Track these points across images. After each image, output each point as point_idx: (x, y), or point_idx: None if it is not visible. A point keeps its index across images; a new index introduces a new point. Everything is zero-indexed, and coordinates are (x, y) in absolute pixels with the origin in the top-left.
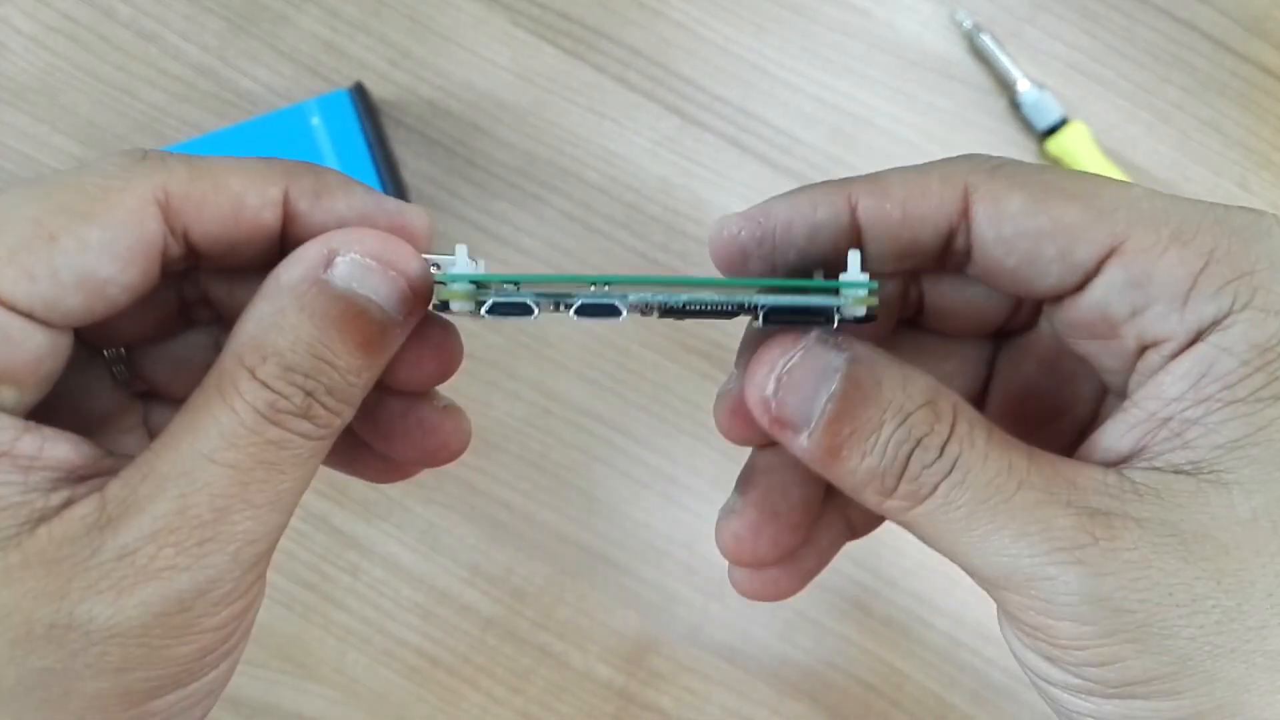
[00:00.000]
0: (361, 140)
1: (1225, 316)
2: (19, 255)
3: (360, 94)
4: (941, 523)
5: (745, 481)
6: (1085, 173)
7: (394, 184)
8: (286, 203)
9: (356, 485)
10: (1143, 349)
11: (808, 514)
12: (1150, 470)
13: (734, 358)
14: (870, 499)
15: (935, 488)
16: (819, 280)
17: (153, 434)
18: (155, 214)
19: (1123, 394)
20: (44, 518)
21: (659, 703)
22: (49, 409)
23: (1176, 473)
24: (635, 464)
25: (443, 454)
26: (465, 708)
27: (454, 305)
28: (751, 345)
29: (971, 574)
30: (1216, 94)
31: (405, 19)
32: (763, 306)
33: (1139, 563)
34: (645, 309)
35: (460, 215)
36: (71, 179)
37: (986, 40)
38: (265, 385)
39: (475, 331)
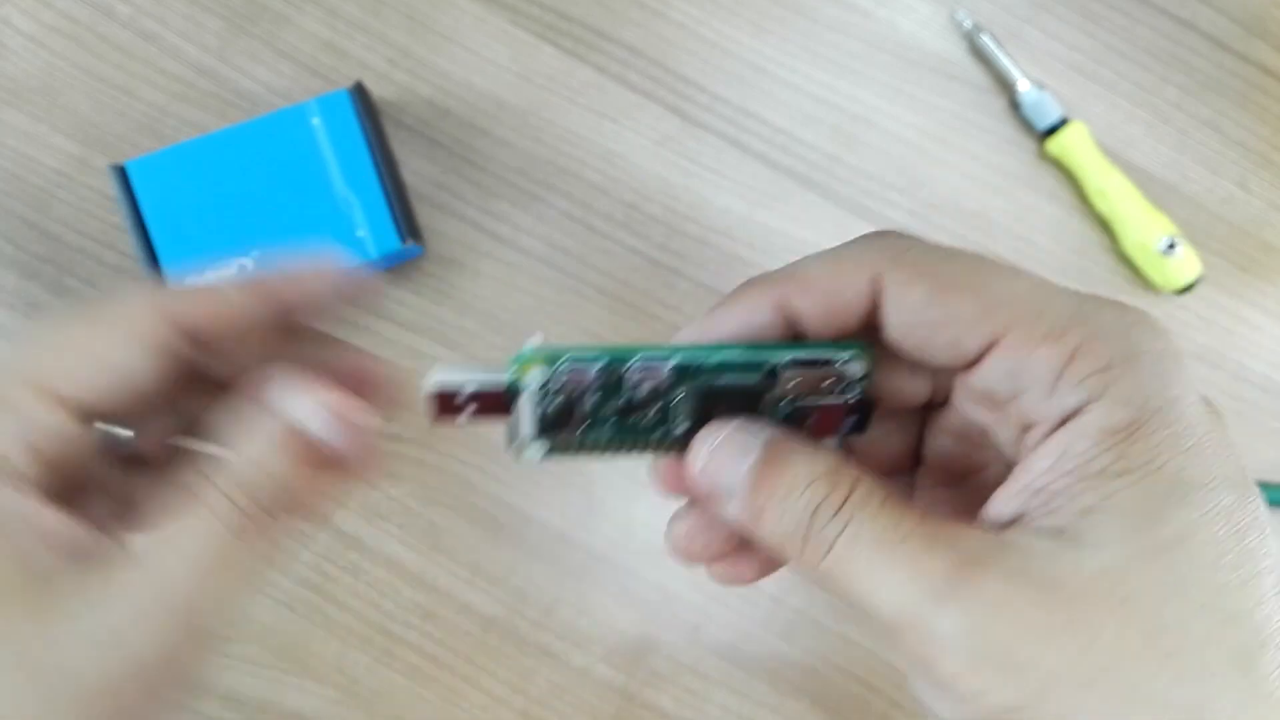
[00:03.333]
0: (361, 140)
1: (1085, 405)
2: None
3: (360, 94)
4: (841, 575)
5: None
6: (983, 261)
7: (394, 184)
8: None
9: (356, 486)
10: (1024, 427)
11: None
12: (1023, 532)
13: None
14: (790, 559)
15: (833, 544)
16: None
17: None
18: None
19: (1015, 463)
20: (36, 588)
21: (659, 703)
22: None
23: (1040, 534)
24: (635, 464)
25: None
26: (466, 708)
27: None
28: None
29: (874, 618)
30: (1215, 94)
31: (405, 19)
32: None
33: (1000, 601)
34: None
35: (460, 215)
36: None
37: (986, 40)
38: (233, 503)
39: (475, 332)
